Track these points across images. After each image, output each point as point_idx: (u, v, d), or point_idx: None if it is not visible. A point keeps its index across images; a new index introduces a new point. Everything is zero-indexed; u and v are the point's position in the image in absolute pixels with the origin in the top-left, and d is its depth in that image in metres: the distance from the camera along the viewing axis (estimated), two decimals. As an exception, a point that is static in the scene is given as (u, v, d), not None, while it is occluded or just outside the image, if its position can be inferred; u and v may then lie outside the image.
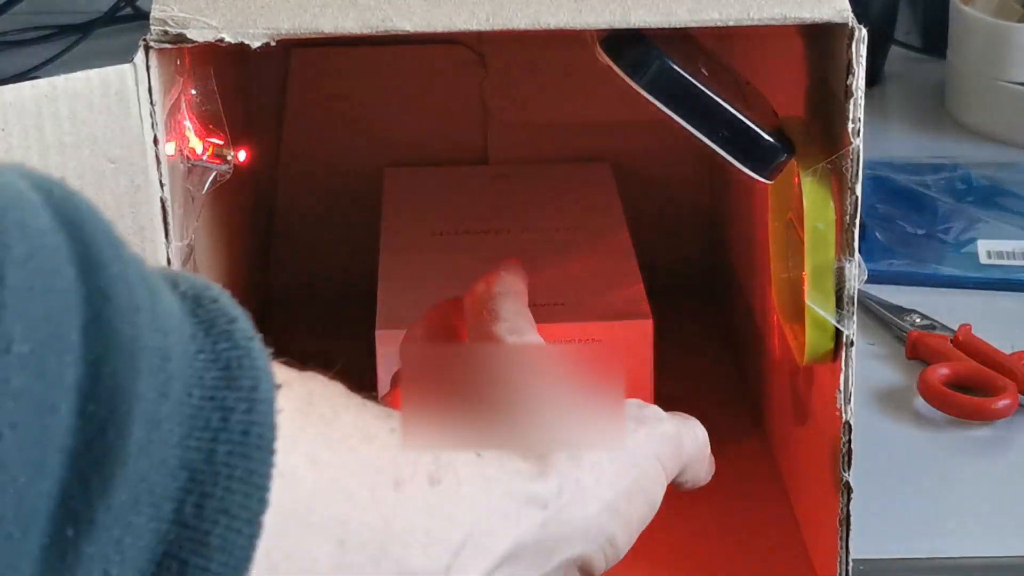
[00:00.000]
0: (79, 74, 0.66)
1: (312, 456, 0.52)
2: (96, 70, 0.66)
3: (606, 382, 0.59)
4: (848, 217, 0.69)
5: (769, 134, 0.71)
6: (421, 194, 0.97)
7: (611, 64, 0.69)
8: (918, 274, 1.04)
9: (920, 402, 0.91)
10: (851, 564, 0.73)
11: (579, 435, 0.61)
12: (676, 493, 0.84)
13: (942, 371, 0.92)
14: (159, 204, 0.68)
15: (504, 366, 0.61)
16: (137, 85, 0.66)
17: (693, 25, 0.67)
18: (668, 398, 0.87)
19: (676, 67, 0.69)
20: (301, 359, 0.97)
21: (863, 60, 0.67)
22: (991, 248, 1.06)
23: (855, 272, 0.70)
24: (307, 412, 0.53)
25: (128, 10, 1.36)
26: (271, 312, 1.02)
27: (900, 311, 0.99)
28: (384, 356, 0.82)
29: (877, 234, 1.07)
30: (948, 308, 0.99)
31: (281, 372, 0.52)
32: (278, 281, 1.04)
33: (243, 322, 0.50)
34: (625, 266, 0.87)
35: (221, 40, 0.66)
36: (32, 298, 0.43)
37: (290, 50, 1.00)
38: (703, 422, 0.90)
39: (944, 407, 0.90)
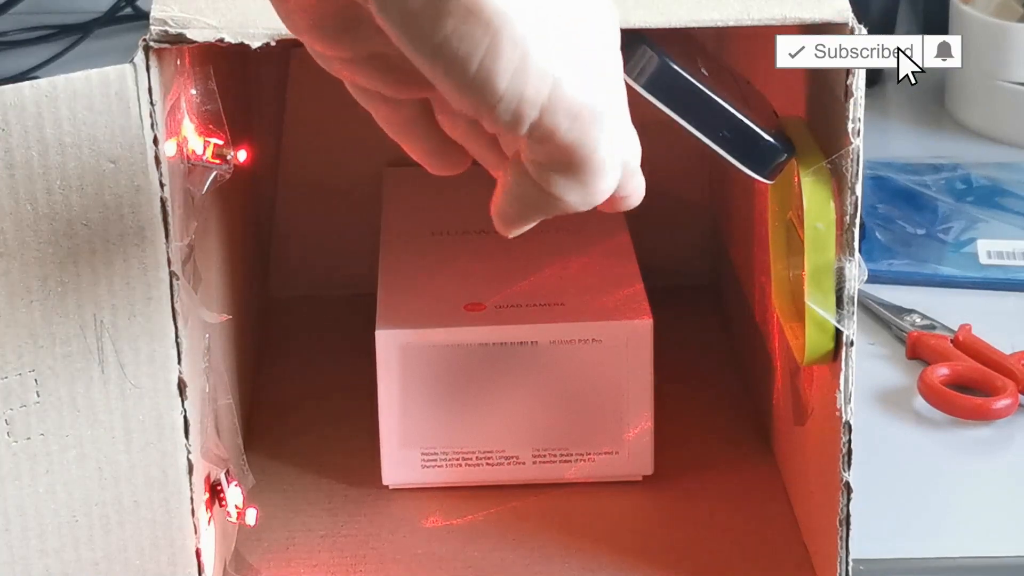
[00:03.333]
0: (79, 74, 0.66)
1: None
2: (96, 70, 0.66)
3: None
4: (848, 217, 0.69)
5: (769, 134, 0.70)
6: (421, 194, 0.97)
7: (611, 64, 0.69)
8: (918, 274, 1.04)
9: (920, 402, 0.91)
10: (851, 564, 0.73)
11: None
12: (675, 492, 0.85)
13: (942, 371, 0.92)
14: (159, 204, 0.68)
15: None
16: (137, 85, 0.66)
17: (693, 25, 0.67)
18: (668, 398, 0.87)
19: (676, 67, 0.69)
20: (301, 359, 0.98)
21: (863, 60, 0.67)
22: (991, 248, 1.06)
23: (855, 272, 0.70)
24: None
25: (128, 10, 1.36)
26: (271, 312, 1.02)
27: (900, 311, 0.99)
28: (384, 356, 0.82)
29: (877, 234, 1.07)
30: (948, 308, 0.99)
31: None
32: (278, 281, 1.04)
33: None
34: (625, 266, 0.87)
35: (221, 40, 0.66)
36: None
37: (290, 50, 1.00)
38: (703, 422, 0.91)
39: (944, 407, 0.90)
